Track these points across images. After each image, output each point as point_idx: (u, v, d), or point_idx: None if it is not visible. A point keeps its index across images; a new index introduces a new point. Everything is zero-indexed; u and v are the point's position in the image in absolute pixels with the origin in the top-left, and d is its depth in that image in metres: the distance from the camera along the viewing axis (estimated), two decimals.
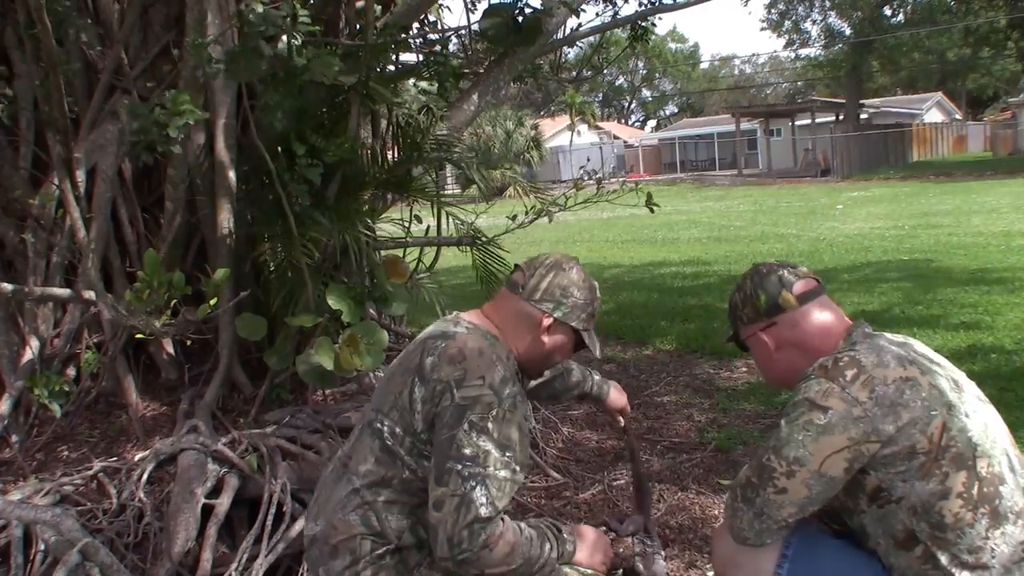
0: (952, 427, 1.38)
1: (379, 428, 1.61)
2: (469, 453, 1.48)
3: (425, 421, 1.55)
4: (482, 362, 1.56)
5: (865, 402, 1.38)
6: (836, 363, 1.43)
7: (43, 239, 3.02)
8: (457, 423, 1.50)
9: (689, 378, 4.60)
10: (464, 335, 1.61)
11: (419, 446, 1.56)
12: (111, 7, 3.12)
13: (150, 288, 2.26)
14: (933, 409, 1.38)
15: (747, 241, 11.24)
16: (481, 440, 1.49)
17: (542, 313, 1.68)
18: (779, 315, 1.58)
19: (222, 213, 2.95)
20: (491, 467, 1.48)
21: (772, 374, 1.66)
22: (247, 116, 2.96)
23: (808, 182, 24.99)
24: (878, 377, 1.39)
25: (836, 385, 1.40)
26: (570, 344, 1.74)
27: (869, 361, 1.41)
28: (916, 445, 1.37)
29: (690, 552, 2.63)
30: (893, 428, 1.37)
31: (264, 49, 2.33)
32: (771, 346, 1.60)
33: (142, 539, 2.44)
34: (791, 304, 1.57)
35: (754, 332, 1.63)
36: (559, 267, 1.72)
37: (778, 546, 1.51)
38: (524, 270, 1.73)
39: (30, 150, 3.09)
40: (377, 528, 1.58)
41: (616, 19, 4.55)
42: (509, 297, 1.72)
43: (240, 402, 3.09)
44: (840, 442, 1.38)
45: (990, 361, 4.33)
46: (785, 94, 53.83)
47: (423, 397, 1.56)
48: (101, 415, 3.05)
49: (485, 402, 1.51)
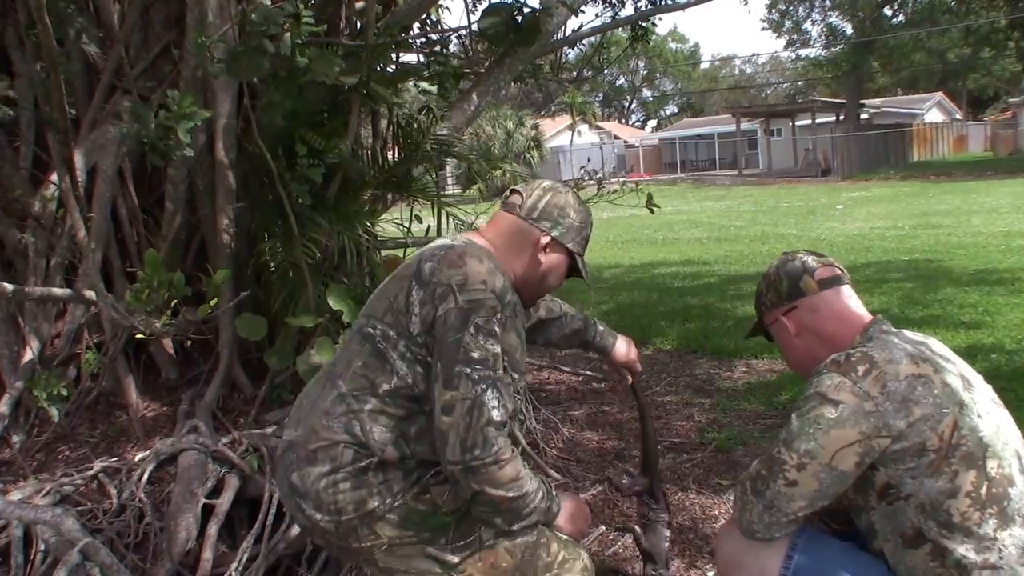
0: (963, 426, 1.38)
1: (371, 333, 1.59)
2: (478, 356, 1.47)
3: (423, 323, 1.52)
4: (483, 268, 1.55)
5: (876, 397, 1.38)
6: (848, 358, 1.44)
7: (43, 239, 3.02)
8: (463, 327, 1.48)
9: (689, 378, 4.60)
10: (463, 246, 1.61)
11: (413, 350, 1.54)
12: (111, 7, 3.12)
13: (150, 288, 2.26)
14: (944, 407, 1.38)
15: (747, 241, 11.24)
16: (489, 343, 1.48)
17: (540, 231, 1.69)
18: (800, 299, 1.60)
19: (222, 213, 2.95)
20: (500, 370, 1.49)
21: (793, 360, 1.67)
22: (248, 116, 2.96)
23: (808, 182, 24.99)
24: (890, 373, 1.39)
25: (848, 380, 1.41)
26: (564, 267, 1.75)
27: (882, 357, 1.42)
28: (926, 442, 1.37)
29: (691, 552, 2.63)
30: (904, 424, 1.37)
31: (267, 47, 2.33)
32: (792, 331, 1.61)
33: (142, 539, 2.44)
34: (812, 288, 1.59)
35: (776, 317, 1.65)
36: (556, 189, 1.74)
37: (784, 547, 1.51)
38: (521, 192, 1.73)
39: (30, 150, 3.09)
40: (361, 438, 1.54)
41: (616, 20, 4.55)
42: (506, 217, 1.72)
43: (240, 402, 3.09)
44: (851, 436, 1.38)
45: (990, 361, 4.33)
46: (785, 94, 53.83)
47: (421, 299, 1.53)
48: (101, 415, 3.05)
49: (489, 305, 1.50)
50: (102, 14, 3.12)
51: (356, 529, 1.54)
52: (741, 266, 8.77)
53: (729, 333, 5.53)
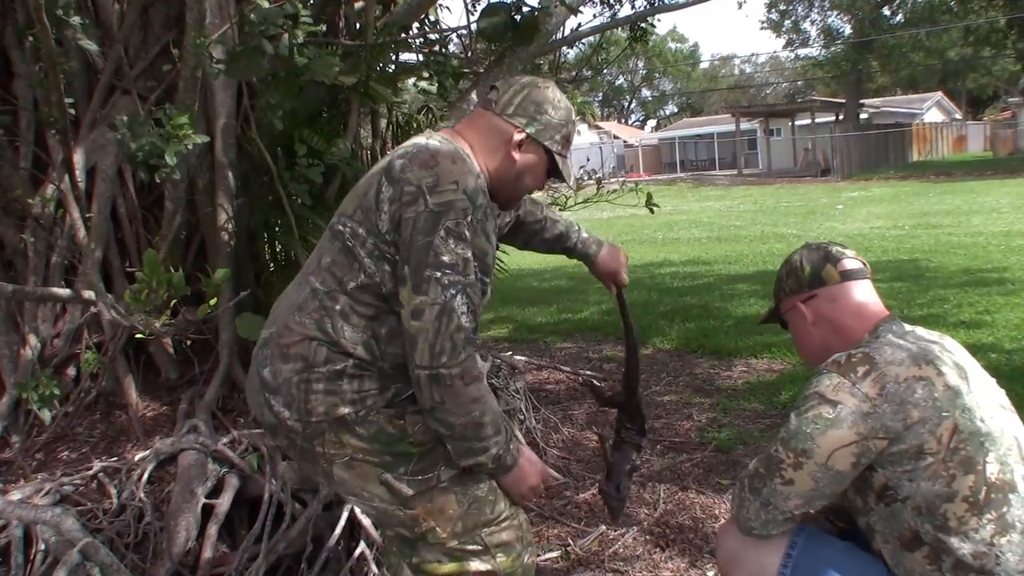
0: (964, 430, 1.38)
1: (340, 230, 1.56)
2: (448, 260, 1.44)
3: (391, 221, 1.49)
4: (455, 168, 1.49)
5: (875, 398, 1.38)
6: (849, 359, 1.44)
7: (43, 239, 3.02)
8: (433, 230, 1.44)
9: (689, 378, 4.60)
10: (437, 144, 1.55)
11: (381, 248, 1.50)
12: (111, 7, 3.12)
13: (150, 288, 2.25)
14: (945, 410, 1.38)
15: (747, 241, 11.24)
16: (459, 247, 1.45)
17: (514, 127, 1.61)
18: (820, 287, 1.60)
19: (222, 213, 2.95)
20: (470, 275, 1.46)
21: (805, 349, 1.67)
22: (247, 116, 2.96)
23: (808, 182, 24.99)
24: (890, 375, 1.39)
25: (847, 380, 1.41)
26: (542, 167, 1.67)
27: (883, 358, 1.42)
28: (924, 445, 1.37)
29: (691, 552, 2.63)
30: (901, 426, 1.37)
31: (266, 48, 2.33)
32: (808, 319, 1.61)
33: (142, 539, 2.44)
34: (833, 278, 1.59)
35: (794, 304, 1.64)
36: (535, 84, 1.66)
37: (783, 545, 1.51)
38: (499, 88, 1.66)
39: (30, 150, 3.09)
40: (332, 336, 1.51)
41: (615, 19, 4.55)
42: (482, 114, 1.66)
43: (240, 402, 3.09)
44: (848, 437, 1.39)
45: (990, 361, 4.33)
46: (785, 94, 53.83)
47: (391, 197, 1.49)
48: (101, 415, 3.05)
49: (460, 207, 1.46)
50: (101, 14, 3.12)
51: (324, 434, 1.53)
52: (741, 266, 8.77)
53: (729, 333, 5.53)
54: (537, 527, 2.86)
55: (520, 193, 1.72)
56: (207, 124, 2.97)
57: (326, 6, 3.30)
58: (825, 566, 1.49)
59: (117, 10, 3.14)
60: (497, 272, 4.36)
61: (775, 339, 5.22)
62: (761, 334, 5.41)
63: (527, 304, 7.20)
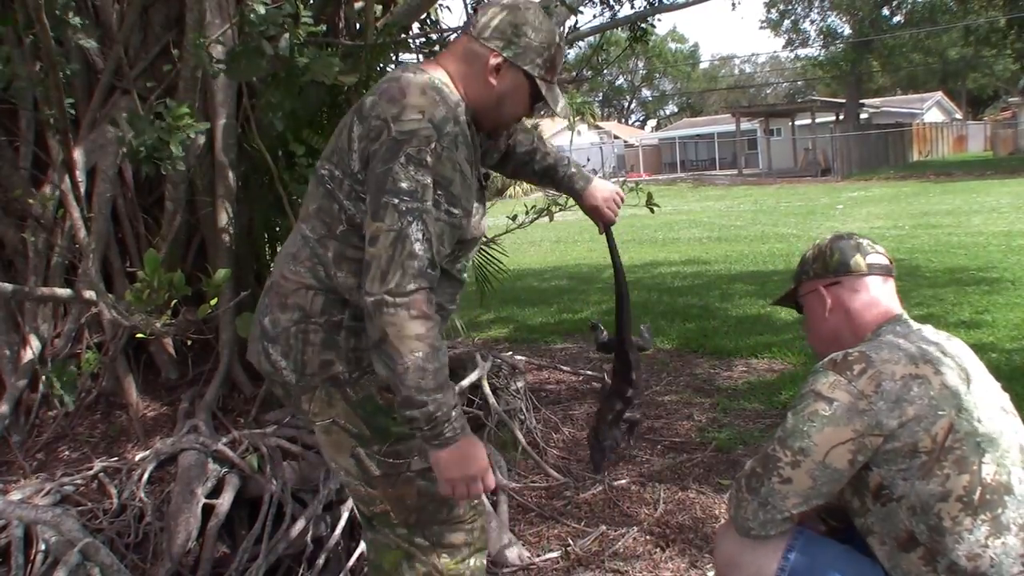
0: (960, 429, 1.37)
1: (322, 174, 1.54)
2: (407, 187, 1.39)
3: (361, 160, 1.46)
4: (424, 99, 1.45)
5: (871, 395, 1.38)
6: (846, 358, 1.44)
7: (43, 239, 3.02)
8: (393, 157, 1.40)
9: (689, 378, 4.60)
10: (410, 76, 1.50)
11: (356, 188, 1.48)
12: (110, 7, 3.12)
13: (150, 288, 2.25)
14: (940, 409, 1.37)
15: (747, 241, 11.24)
16: (419, 174, 1.40)
17: (490, 51, 1.54)
18: (845, 276, 1.59)
19: (222, 213, 2.95)
20: (429, 202, 1.41)
21: (816, 336, 1.67)
22: (247, 116, 2.96)
23: (808, 182, 24.99)
24: (886, 372, 1.39)
25: (843, 378, 1.41)
26: (524, 93, 1.59)
27: (879, 356, 1.42)
28: (918, 443, 1.37)
29: (691, 552, 2.63)
30: (896, 423, 1.37)
31: (266, 48, 2.33)
32: (828, 305, 1.60)
33: (142, 539, 2.44)
34: (860, 269, 1.59)
35: (816, 288, 1.63)
36: (515, 6, 1.57)
37: (781, 547, 1.51)
38: (480, 10, 1.61)
39: (30, 150, 3.09)
40: (327, 283, 1.52)
41: (615, 19, 4.55)
42: (461, 39, 1.60)
43: (240, 402, 3.09)
44: (844, 434, 1.39)
45: (990, 360, 4.33)
46: (785, 94, 53.82)
47: (360, 135, 1.46)
48: (101, 415, 3.05)
49: (423, 135, 1.41)
50: (101, 14, 3.12)
51: (315, 390, 1.54)
52: (741, 266, 8.77)
53: (729, 333, 5.53)
54: (537, 527, 2.86)
55: (504, 120, 1.65)
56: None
57: (326, 6, 3.30)
58: (823, 568, 1.49)
59: (117, 10, 3.14)
60: (497, 272, 4.37)
61: (775, 339, 5.23)
62: (761, 334, 5.41)
63: (527, 304, 7.20)
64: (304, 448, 2.73)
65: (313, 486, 2.60)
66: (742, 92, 54.90)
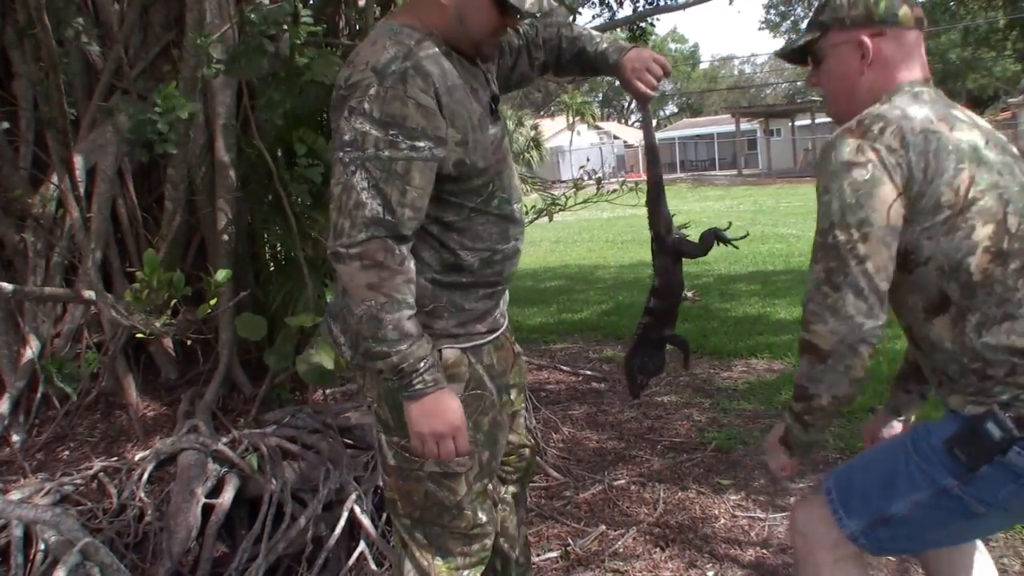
0: (981, 182, 1.34)
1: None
2: (348, 138, 1.37)
3: (335, 132, 1.45)
4: (370, 50, 1.42)
5: (898, 149, 1.33)
6: (860, 123, 1.38)
7: (43, 239, 3.02)
8: (339, 114, 1.40)
9: (689, 378, 4.60)
10: (369, 35, 1.50)
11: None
12: (110, 7, 3.12)
13: (150, 288, 2.26)
14: (961, 162, 1.34)
15: (747, 241, 11.22)
16: (358, 122, 1.36)
17: None
18: (893, 26, 1.46)
19: (222, 213, 2.95)
20: (370, 148, 1.36)
21: (841, 92, 1.52)
22: (247, 116, 2.96)
23: (808, 182, 24.94)
24: (905, 127, 1.35)
25: (866, 140, 1.35)
26: (481, 4, 1.45)
27: (894, 114, 1.37)
28: (941, 197, 1.33)
29: (691, 552, 2.63)
30: (921, 176, 1.33)
31: (267, 46, 2.33)
32: (869, 57, 1.45)
33: (142, 539, 2.44)
34: (908, 21, 1.46)
35: (853, 38, 1.46)
36: None
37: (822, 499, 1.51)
38: None
39: (30, 150, 3.09)
40: None
41: (615, 20, 4.56)
42: None
43: (240, 402, 3.09)
44: (891, 191, 1.33)
45: None
46: (785, 94, 53.83)
47: (332, 107, 1.47)
48: (101, 415, 3.05)
49: (363, 85, 1.38)
50: (101, 14, 3.12)
51: (362, 369, 1.59)
52: (741, 266, 8.77)
53: (728, 333, 5.53)
54: (537, 527, 2.86)
55: (476, 36, 1.50)
56: (207, 124, 2.97)
57: (326, 6, 3.30)
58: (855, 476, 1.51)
59: (117, 10, 3.15)
60: None
61: (775, 339, 5.23)
62: (761, 334, 5.41)
63: (527, 304, 7.20)
64: (304, 448, 2.73)
65: (313, 486, 2.60)
66: (742, 92, 54.92)
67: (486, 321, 1.62)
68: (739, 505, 2.95)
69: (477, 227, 1.53)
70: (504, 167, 1.59)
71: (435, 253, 1.52)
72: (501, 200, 1.56)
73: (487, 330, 1.62)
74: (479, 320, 1.59)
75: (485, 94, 1.55)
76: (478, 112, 1.50)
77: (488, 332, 1.63)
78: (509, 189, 1.59)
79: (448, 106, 1.43)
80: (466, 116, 1.46)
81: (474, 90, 1.51)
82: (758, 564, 2.54)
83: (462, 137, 1.45)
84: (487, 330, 1.62)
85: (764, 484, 3.10)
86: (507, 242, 1.59)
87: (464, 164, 1.46)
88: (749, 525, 2.79)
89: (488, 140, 1.52)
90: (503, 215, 1.57)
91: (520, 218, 1.64)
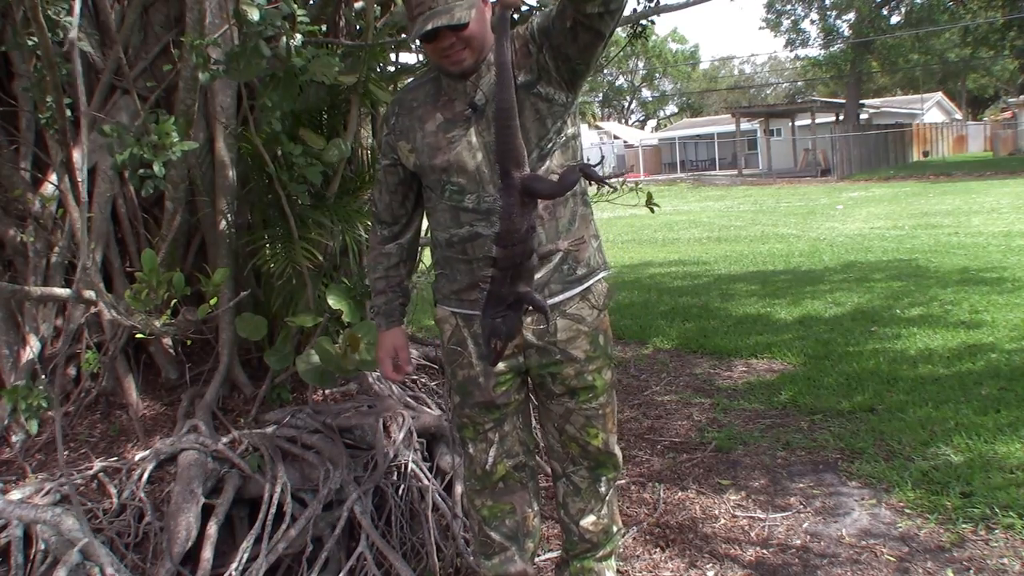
0: None
1: None
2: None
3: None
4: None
5: None
6: None
7: (43, 239, 3.02)
8: None
9: (689, 378, 4.60)
10: None
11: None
12: (111, 7, 3.12)
13: (150, 288, 2.26)
14: None
15: (747, 241, 11.24)
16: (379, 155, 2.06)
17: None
18: None
19: (221, 213, 2.95)
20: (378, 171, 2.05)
21: None
22: (247, 116, 2.95)
23: (808, 182, 24.99)
24: None
25: None
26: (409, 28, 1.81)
27: None
28: None
29: (690, 552, 2.63)
30: None
31: (264, 49, 2.33)
32: None
33: (142, 539, 2.44)
34: None
35: None
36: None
37: None
38: None
39: (30, 150, 3.09)
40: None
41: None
42: None
43: (240, 402, 3.09)
44: None
45: (990, 361, 4.33)
46: (785, 94, 53.80)
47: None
48: (101, 415, 3.05)
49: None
50: (101, 14, 3.11)
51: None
52: (741, 266, 8.77)
53: (729, 333, 5.53)
54: None
55: (436, 60, 1.83)
56: (207, 124, 2.97)
57: (326, 6, 3.30)
58: None
59: (117, 10, 3.14)
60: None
61: (775, 339, 5.23)
62: (761, 334, 5.41)
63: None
64: (304, 448, 2.73)
65: (313, 486, 2.60)
66: (742, 92, 54.90)
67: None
68: (739, 505, 2.95)
69: (438, 213, 1.93)
70: (460, 165, 1.84)
71: (432, 232, 1.99)
72: (451, 192, 1.87)
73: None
74: (470, 290, 1.91)
75: (462, 103, 1.83)
76: (440, 120, 1.85)
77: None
78: (467, 183, 1.84)
79: (402, 123, 1.91)
80: (418, 128, 1.88)
81: (449, 102, 1.85)
82: (758, 564, 2.54)
83: (411, 146, 1.90)
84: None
85: (764, 484, 3.10)
86: (460, 227, 1.89)
87: (420, 165, 1.90)
88: (749, 525, 2.79)
89: (443, 143, 1.84)
90: (454, 205, 1.88)
91: (477, 207, 1.85)
